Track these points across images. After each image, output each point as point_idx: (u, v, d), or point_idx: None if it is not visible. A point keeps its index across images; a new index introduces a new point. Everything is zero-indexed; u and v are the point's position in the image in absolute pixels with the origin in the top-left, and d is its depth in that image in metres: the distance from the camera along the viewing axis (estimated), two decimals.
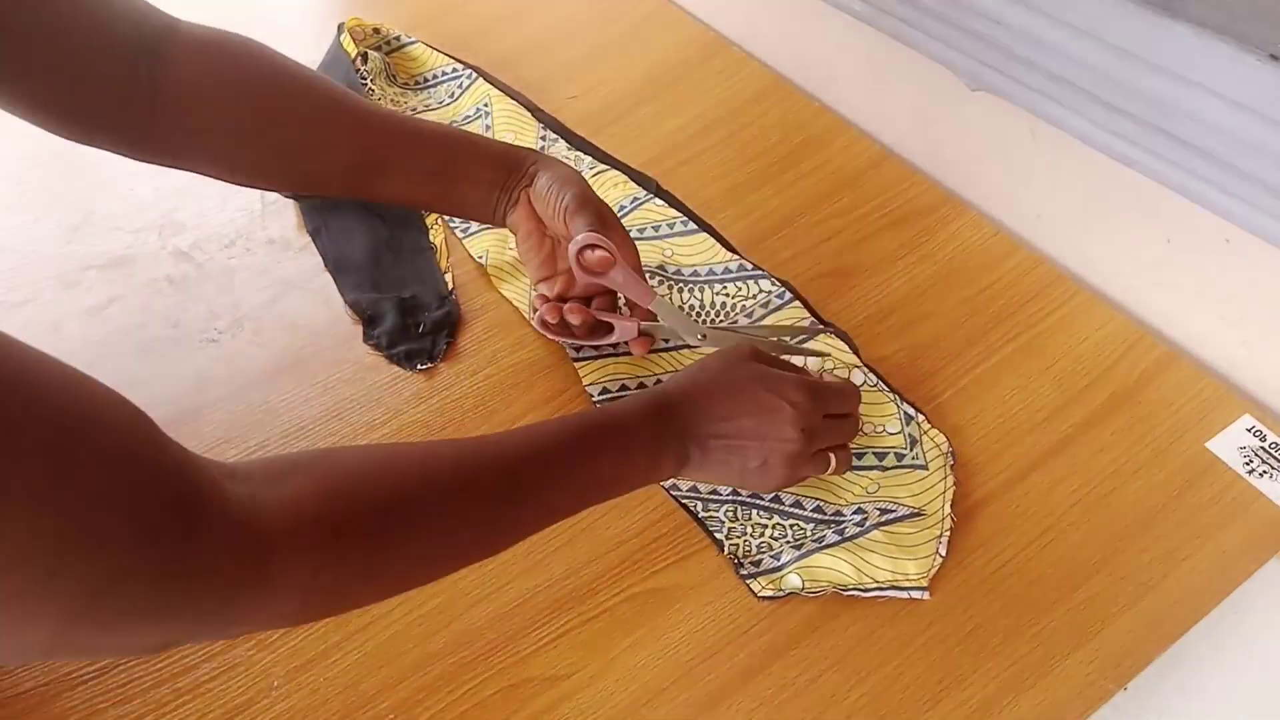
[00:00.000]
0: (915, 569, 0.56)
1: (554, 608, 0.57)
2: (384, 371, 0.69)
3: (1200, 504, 0.59)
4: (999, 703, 0.52)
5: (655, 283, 0.71)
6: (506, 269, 0.74)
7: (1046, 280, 0.71)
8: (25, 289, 0.75)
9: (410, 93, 0.89)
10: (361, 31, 0.89)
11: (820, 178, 0.79)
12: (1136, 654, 0.53)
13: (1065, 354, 0.66)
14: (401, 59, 0.91)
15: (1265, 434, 0.61)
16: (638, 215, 0.76)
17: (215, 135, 0.60)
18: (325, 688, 0.54)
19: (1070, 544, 0.58)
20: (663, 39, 0.93)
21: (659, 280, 0.72)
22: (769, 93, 0.87)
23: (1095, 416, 0.63)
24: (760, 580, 0.57)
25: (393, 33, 0.92)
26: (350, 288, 0.73)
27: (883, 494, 0.59)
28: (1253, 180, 0.54)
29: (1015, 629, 0.54)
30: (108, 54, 0.54)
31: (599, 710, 0.53)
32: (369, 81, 0.86)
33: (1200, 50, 0.52)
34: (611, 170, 0.80)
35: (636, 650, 0.55)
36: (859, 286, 0.71)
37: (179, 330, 0.72)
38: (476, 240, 0.76)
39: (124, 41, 0.54)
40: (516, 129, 0.84)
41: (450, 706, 0.53)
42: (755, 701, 0.53)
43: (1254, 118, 0.51)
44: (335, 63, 0.87)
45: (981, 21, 0.64)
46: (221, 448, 0.65)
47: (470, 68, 0.89)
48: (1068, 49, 0.59)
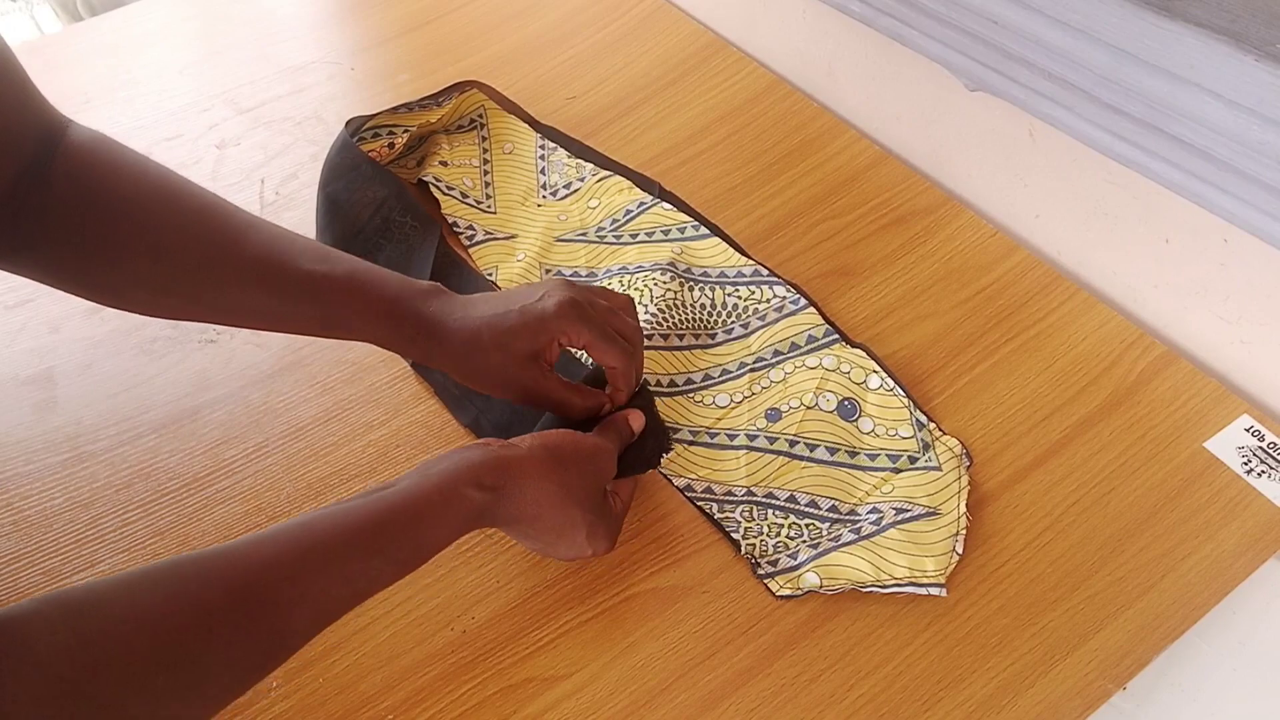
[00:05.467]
0: (933, 565, 0.56)
1: (554, 608, 0.57)
2: (383, 371, 0.69)
3: (1199, 504, 0.59)
4: (998, 702, 0.52)
5: (667, 277, 0.71)
6: (516, 278, 0.74)
7: (1045, 280, 0.71)
8: (25, 289, 0.75)
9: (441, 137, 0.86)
10: (379, 154, 0.81)
11: (819, 178, 0.80)
12: (1135, 653, 0.53)
13: (1064, 354, 0.67)
14: (422, 136, 0.85)
15: (1264, 434, 0.61)
16: (645, 219, 0.76)
17: (75, 258, 0.53)
18: (325, 688, 0.54)
19: (1069, 544, 0.58)
20: (662, 40, 0.93)
21: (670, 275, 0.71)
22: (768, 93, 0.87)
23: (1094, 416, 0.63)
24: (778, 580, 0.57)
25: (402, 131, 0.84)
26: (460, 409, 0.66)
27: (897, 493, 0.59)
28: (1252, 180, 0.54)
29: (1014, 628, 0.54)
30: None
31: (599, 710, 0.53)
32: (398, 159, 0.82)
33: (1199, 50, 0.52)
34: (614, 176, 0.80)
35: (636, 650, 0.55)
36: (858, 286, 0.71)
37: (179, 330, 0.72)
38: (482, 251, 0.77)
39: (12, 154, 0.49)
40: (514, 140, 0.84)
41: (450, 706, 0.53)
42: (755, 701, 0.53)
43: (1253, 118, 0.51)
44: (345, 149, 0.80)
45: (980, 22, 0.64)
46: (221, 448, 0.65)
47: (468, 84, 0.87)
48: (1067, 49, 0.59)
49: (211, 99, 0.92)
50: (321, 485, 0.63)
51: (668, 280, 0.71)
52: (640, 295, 0.70)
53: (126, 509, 0.62)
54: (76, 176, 0.51)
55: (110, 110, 0.92)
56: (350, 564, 0.44)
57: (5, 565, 0.60)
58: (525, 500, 0.50)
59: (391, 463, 0.64)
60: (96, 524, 0.61)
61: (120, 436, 0.66)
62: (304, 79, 0.94)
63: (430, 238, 0.75)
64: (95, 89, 0.95)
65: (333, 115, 0.89)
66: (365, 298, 0.54)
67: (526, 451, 0.51)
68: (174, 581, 0.40)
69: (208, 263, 0.53)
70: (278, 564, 0.43)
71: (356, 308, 0.54)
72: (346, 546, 0.44)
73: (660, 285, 0.70)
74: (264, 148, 0.87)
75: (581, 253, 0.76)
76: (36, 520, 0.62)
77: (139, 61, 0.98)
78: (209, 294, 0.54)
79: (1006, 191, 0.76)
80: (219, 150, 0.87)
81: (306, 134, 0.88)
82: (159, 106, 0.92)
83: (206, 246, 0.53)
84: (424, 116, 0.83)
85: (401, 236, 0.75)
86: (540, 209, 0.80)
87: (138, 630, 0.38)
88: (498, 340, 0.54)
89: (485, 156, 0.84)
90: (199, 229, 0.53)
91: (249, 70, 0.95)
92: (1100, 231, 0.70)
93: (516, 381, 0.55)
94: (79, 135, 0.52)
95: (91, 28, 1.05)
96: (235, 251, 0.53)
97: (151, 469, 0.64)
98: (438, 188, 0.80)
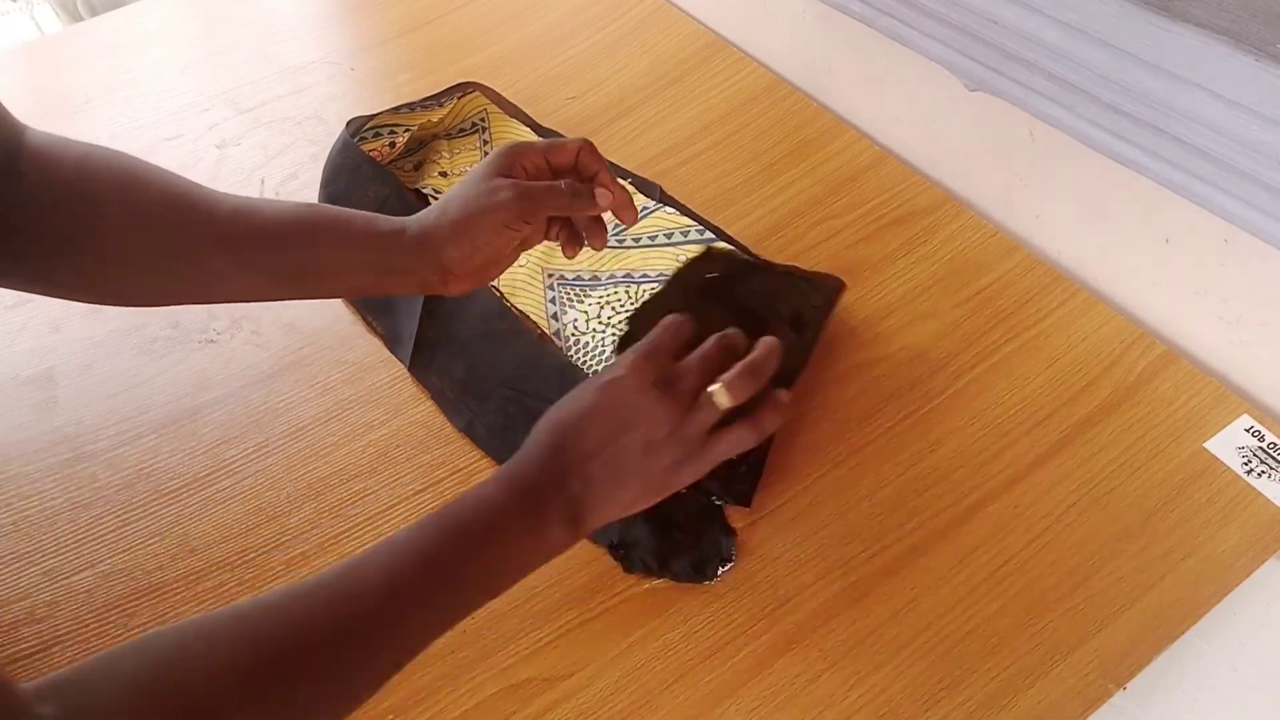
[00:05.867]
0: None
1: (554, 608, 0.57)
2: (383, 371, 0.69)
3: (1199, 504, 0.59)
4: (998, 703, 0.52)
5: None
6: (520, 284, 0.74)
7: (1045, 280, 0.71)
8: None
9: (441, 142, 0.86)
10: (380, 153, 0.81)
11: (819, 178, 0.79)
12: (1135, 654, 0.53)
13: (1064, 354, 0.67)
14: (423, 139, 0.86)
15: (1264, 434, 0.61)
16: (648, 223, 0.76)
17: (52, 255, 0.53)
18: None
19: (1069, 544, 0.58)
20: (662, 39, 0.93)
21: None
22: (768, 93, 0.87)
23: (1094, 416, 0.63)
24: None
25: (403, 131, 0.83)
26: (455, 413, 0.65)
27: None
28: (1251, 180, 0.54)
29: (1014, 629, 0.54)
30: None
31: (599, 710, 0.53)
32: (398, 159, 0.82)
33: (1199, 50, 0.52)
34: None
35: (636, 650, 0.55)
36: (858, 286, 0.71)
37: (178, 330, 0.72)
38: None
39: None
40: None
41: (450, 706, 0.53)
42: (755, 701, 0.53)
43: (1253, 117, 0.51)
44: (346, 149, 0.80)
45: (980, 21, 0.64)
46: (220, 448, 0.65)
47: (470, 86, 0.87)
48: (1066, 49, 0.59)
49: (212, 99, 0.92)
50: (321, 485, 0.63)
51: None
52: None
53: (126, 509, 0.62)
54: (41, 174, 0.51)
55: (110, 110, 0.92)
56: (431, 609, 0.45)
57: (5, 565, 0.60)
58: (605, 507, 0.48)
59: (391, 463, 0.64)
60: (96, 524, 0.61)
61: (120, 436, 0.66)
62: (304, 79, 0.94)
63: None
64: (95, 89, 0.95)
65: (333, 115, 0.89)
66: (335, 228, 0.55)
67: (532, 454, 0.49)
68: (267, 626, 0.41)
69: (177, 238, 0.53)
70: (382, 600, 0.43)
71: (330, 240, 0.55)
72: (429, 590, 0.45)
73: None
74: (264, 148, 0.87)
75: (584, 257, 0.76)
76: (36, 520, 0.62)
77: (139, 61, 0.98)
78: (185, 267, 0.54)
79: (1006, 191, 0.76)
80: (219, 150, 0.87)
81: (306, 134, 0.88)
82: (159, 106, 0.92)
83: (173, 223, 0.53)
84: (425, 116, 0.83)
85: None
86: None
87: (226, 676, 0.39)
88: (471, 185, 0.55)
89: None
90: (169, 204, 0.54)
91: (249, 70, 0.95)
92: (1100, 231, 0.70)
93: (503, 232, 0.55)
94: (38, 137, 0.52)
95: (91, 28, 1.05)
96: (200, 221, 0.53)
97: (151, 469, 0.64)
98: (436, 199, 0.80)
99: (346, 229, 0.56)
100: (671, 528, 0.58)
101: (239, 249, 0.54)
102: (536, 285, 0.74)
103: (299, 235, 0.55)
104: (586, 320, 0.71)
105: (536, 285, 0.74)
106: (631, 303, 0.71)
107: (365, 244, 0.56)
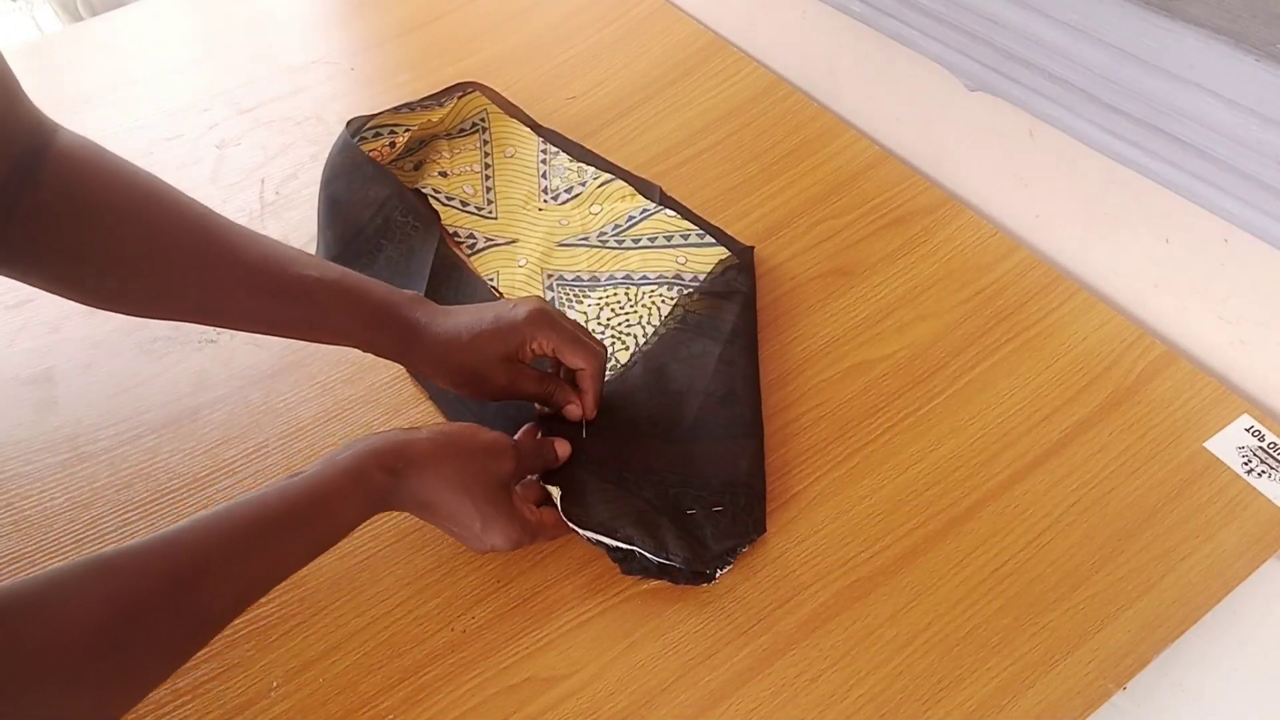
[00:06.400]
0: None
1: (554, 608, 0.57)
2: (383, 372, 0.69)
3: (1199, 504, 0.59)
4: (999, 702, 0.52)
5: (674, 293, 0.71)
6: (519, 283, 0.74)
7: (1045, 280, 0.71)
8: (25, 289, 0.74)
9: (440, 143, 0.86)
10: (380, 153, 0.81)
11: (819, 178, 0.80)
12: (1136, 653, 0.53)
13: (1064, 354, 0.67)
14: (423, 139, 0.85)
15: (1264, 434, 0.61)
16: (649, 225, 0.76)
17: (66, 261, 0.53)
18: (325, 688, 0.54)
19: (1069, 544, 0.58)
20: (661, 39, 0.93)
21: (677, 290, 0.71)
22: (768, 93, 0.87)
23: (1094, 416, 0.63)
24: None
25: (404, 131, 0.83)
26: (455, 416, 0.66)
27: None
28: (1251, 180, 0.54)
29: (1015, 629, 0.54)
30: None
31: (599, 710, 0.53)
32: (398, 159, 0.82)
33: (1199, 50, 0.52)
34: (617, 181, 0.80)
35: (636, 650, 0.55)
36: (858, 286, 0.71)
37: (178, 330, 0.72)
38: (483, 258, 0.77)
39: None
40: (515, 144, 0.84)
41: (450, 706, 0.53)
42: (755, 701, 0.53)
43: (1253, 117, 0.51)
44: (346, 149, 0.80)
45: (980, 22, 0.64)
46: (220, 448, 0.65)
47: (470, 85, 0.87)
48: (1066, 49, 0.59)
49: (211, 99, 0.92)
50: None
51: (674, 295, 0.71)
52: (649, 313, 0.70)
53: (126, 509, 0.62)
54: (67, 180, 0.51)
55: (110, 110, 0.92)
56: (268, 548, 0.47)
57: (5, 565, 0.60)
58: (423, 486, 0.52)
59: None
60: (96, 524, 0.61)
61: (120, 436, 0.66)
62: (304, 79, 0.94)
63: (431, 238, 0.75)
64: (95, 89, 0.95)
65: (333, 115, 0.89)
66: (354, 301, 0.57)
67: (425, 438, 0.53)
68: (106, 575, 0.42)
69: (200, 266, 0.55)
70: (203, 551, 0.45)
71: (346, 311, 0.57)
72: (264, 532, 0.47)
73: (668, 303, 0.70)
74: (264, 148, 0.87)
75: (583, 258, 0.76)
76: (36, 520, 0.62)
77: (139, 61, 0.98)
78: (199, 296, 0.56)
79: (1006, 191, 0.76)
80: (219, 150, 0.87)
81: (306, 134, 0.88)
82: (159, 106, 0.92)
83: (199, 250, 0.55)
84: (425, 116, 0.83)
85: (402, 237, 0.75)
86: (542, 213, 0.80)
87: (71, 625, 0.40)
88: (474, 343, 0.58)
89: (487, 160, 0.84)
90: (191, 233, 0.55)
91: (249, 70, 0.95)
92: (1100, 231, 0.70)
93: (491, 381, 0.59)
94: (68, 140, 0.52)
95: (91, 28, 1.05)
96: (228, 256, 0.55)
97: (151, 469, 0.64)
98: (436, 199, 0.80)
99: (362, 303, 0.58)
100: (671, 528, 0.58)
101: (258, 293, 0.56)
102: (536, 285, 0.74)
103: (320, 295, 0.57)
104: (585, 321, 0.71)
105: (536, 285, 0.74)
106: (630, 304, 0.71)
107: (377, 324, 0.58)
